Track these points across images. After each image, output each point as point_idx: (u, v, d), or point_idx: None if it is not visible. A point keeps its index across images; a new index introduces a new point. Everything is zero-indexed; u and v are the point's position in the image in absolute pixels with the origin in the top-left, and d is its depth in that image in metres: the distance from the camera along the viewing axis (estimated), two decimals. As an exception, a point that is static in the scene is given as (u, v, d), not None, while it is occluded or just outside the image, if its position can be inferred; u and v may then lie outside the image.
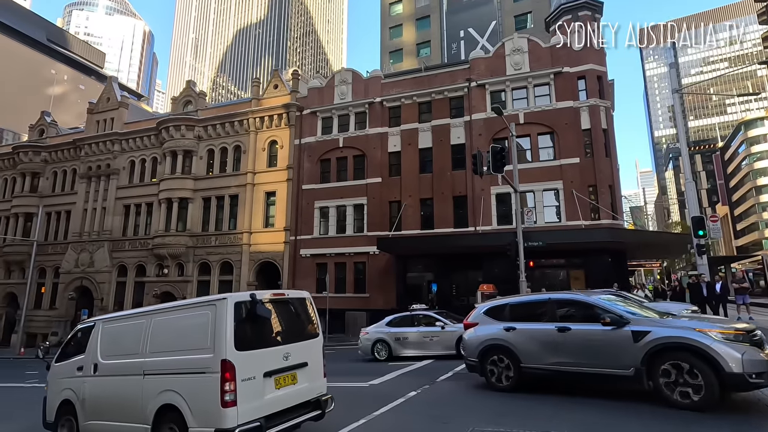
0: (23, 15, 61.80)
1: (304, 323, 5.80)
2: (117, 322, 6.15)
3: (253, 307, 5.10)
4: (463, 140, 24.50)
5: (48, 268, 34.18)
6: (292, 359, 5.18)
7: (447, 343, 12.24)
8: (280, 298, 5.60)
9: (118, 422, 5.37)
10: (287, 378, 5.09)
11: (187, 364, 4.86)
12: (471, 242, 21.56)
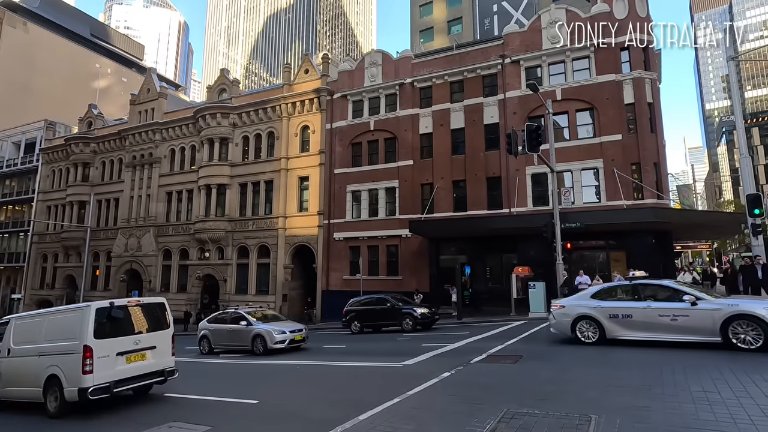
0: (69, 12, 64.70)
1: (158, 319, 8.18)
2: (24, 320, 8.67)
3: (109, 311, 7.52)
4: (497, 119, 23.82)
5: (101, 252, 36.51)
6: (142, 344, 7.63)
7: (700, 325, 8.40)
8: (135, 304, 8.08)
9: (23, 387, 7.87)
10: (137, 356, 7.54)
11: (64, 348, 7.24)
12: (505, 224, 21.14)
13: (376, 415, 5.66)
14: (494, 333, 13.70)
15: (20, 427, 7.36)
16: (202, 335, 15.17)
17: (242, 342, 13.78)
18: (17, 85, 50.01)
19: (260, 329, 13.45)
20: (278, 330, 13.39)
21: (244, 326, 13.83)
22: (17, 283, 41.76)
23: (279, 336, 13.17)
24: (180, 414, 6.71)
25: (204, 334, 15.09)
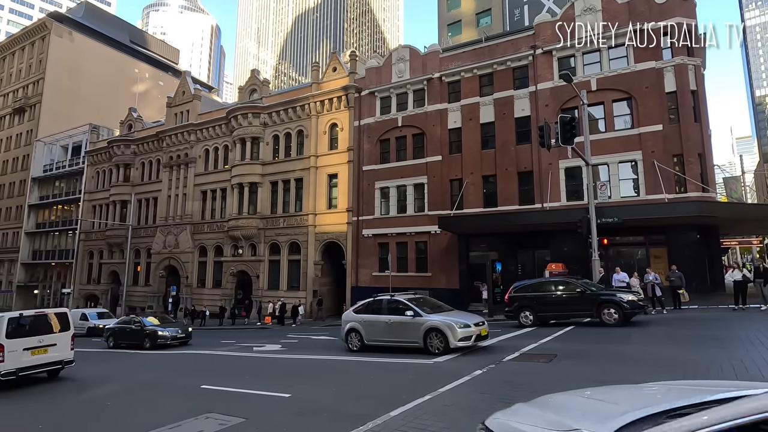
0: (110, 20, 67.83)
1: (61, 324, 10.80)
2: None
3: (19, 320, 10.21)
4: (528, 112, 23.20)
5: (142, 249, 38.20)
6: (44, 343, 10.31)
7: (414, 333, 10.45)
8: (40, 314, 10.78)
9: None
10: (40, 351, 10.21)
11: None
12: (537, 220, 20.59)
13: (407, 411, 5.63)
14: (526, 331, 13.39)
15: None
16: (349, 328, 12.01)
17: (409, 338, 10.76)
18: (64, 91, 52.92)
19: (436, 321, 10.38)
20: (461, 323, 10.23)
21: (410, 318, 10.73)
22: (67, 279, 44.34)
23: (462, 331, 10.00)
24: (217, 405, 6.92)
25: (352, 327, 11.96)
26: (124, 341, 18.46)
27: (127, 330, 18.75)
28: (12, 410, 8.28)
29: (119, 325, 19.74)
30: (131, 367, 12.82)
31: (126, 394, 8.85)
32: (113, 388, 9.61)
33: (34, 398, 9.08)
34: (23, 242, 48.85)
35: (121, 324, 19.70)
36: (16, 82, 56.87)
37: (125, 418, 6.90)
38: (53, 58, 53.50)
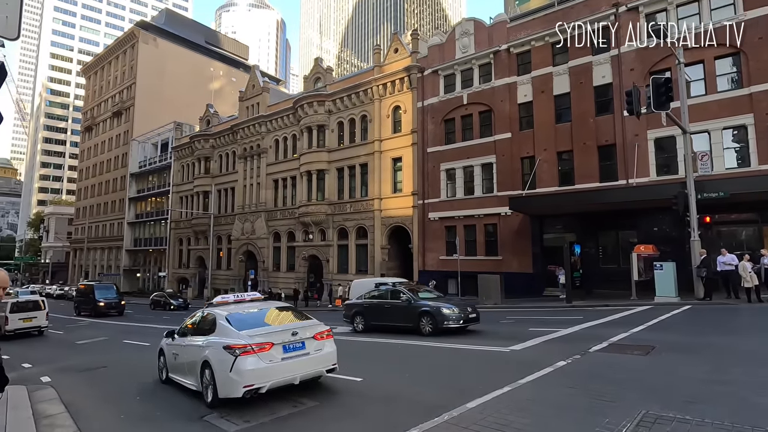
0: (188, 24, 72.93)
1: (42, 306, 19.20)
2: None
3: (17, 303, 18.87)
4: (609, 79, 21.01)
5: (223, 236, 41.16)
6: (30, 316, 18.56)
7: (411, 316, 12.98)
8: (30, 300, 20.03)
9: None
10: (28, 320, 18.48)
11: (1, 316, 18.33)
12: (622, 197, 18.68)
13: (485, 403, 5.27)
14: (613, 319, 12.24)
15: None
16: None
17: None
18: (152, 93, 58.05)
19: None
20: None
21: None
22: (162, 263, 49.31)
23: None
24: (296, 387, 7.06)
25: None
26: None
27: None
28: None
29: None
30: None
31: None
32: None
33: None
34: (126, 231, 55.05)
35: None
36: (114, 88, 63.46)
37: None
38: (142, 63, 58.76)
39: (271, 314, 7.01)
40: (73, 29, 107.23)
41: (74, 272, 65.82)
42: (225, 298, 7.98)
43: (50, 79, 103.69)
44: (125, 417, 6.37)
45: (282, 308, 7.49)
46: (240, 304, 7.52)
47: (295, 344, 6.24)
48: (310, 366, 6.33)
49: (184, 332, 7.66)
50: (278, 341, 6.08)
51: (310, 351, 6.37)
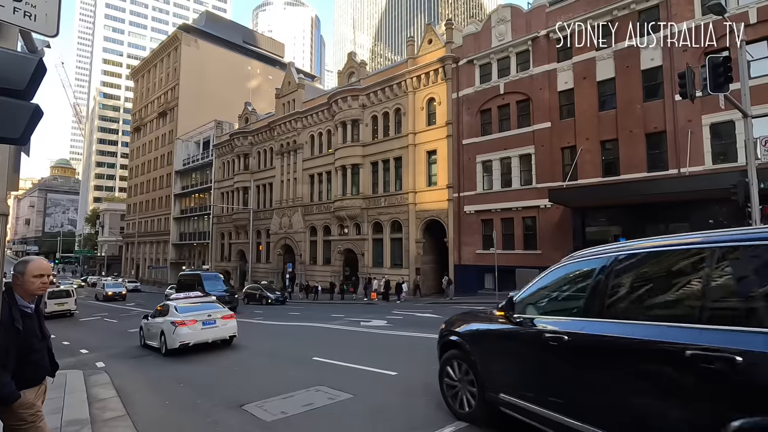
0: (226, 25, 75.19)
1: (72, 294, 24.86)
2: None
3: (54, 291, 23.99)
4: (659, 62, 19.72)
5: (262, 230, 42.36)
6: (63, 301, 23.70)
7: None
8: (63, 289, 25.26)
9: None
10: (60, 304, 23.40)
11: None
12: (673, 188, 17.55)
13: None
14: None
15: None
16: None
17: None
18: (194, 93, 60.40)
19: None
20: None
21: None
22: (205, 257, 51.47)
23: None
24: (327, 379, 7.13)
25: None
26: None
27: None
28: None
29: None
30: (257, 336, 14.20)
31: (250, 360, 9.73)
32: (240, 356, 10.65)
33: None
34: (172, 226, 57.83)
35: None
36: (159, 89, 66.54)
37: (245, 383, 7.50)
38: (184, 65, 61.19)
39: (200, 305, 11.94)
40: (122, 35, 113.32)
41: (126, 265, 70.03)
42: (178, 295, 13.73)
43: (103, 84, 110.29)
44: (169, 403, 6.65)
45: (209, 302, 12.49)
46: (187, 299, 12.68)
47: (209, 321, 11.19)
48: (217, 333, 11.26)
49: (153, 315, 12.21)
50: (200, 319, 11.04)
51: (219, 325, 11.30)
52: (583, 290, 3.46)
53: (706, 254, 2.64)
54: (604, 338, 3.03)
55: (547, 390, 3.49)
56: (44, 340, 3.19)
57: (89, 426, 5.27)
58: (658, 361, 2.65)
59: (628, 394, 2.83)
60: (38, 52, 2.99)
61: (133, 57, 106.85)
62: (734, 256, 2.55)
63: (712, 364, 2.28)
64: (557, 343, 3.37)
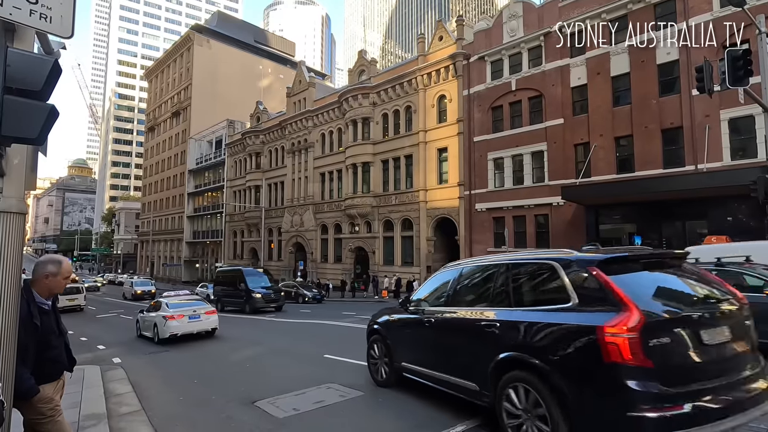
0: (238, 25, 75.74)
1: (82, 290, 26.18)
2: None
3: (70, 287, 24.37)
4: (675, 56, 19.31)
5: (273, 228, 42.69)
6: (73, 297, 25.05)
7: None
8: (75, 285, 25.80)
9: None
10: (71, 300, 24.62)
11: None
12: (690, 184, 17.20)
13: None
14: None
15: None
16: None
17: None
18: (206, 93, 61.03)
19: None
20: None
21: None
22: (218, 254, 52.07)
23: None
24: (338, 376, 7.16)
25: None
26: None
27: None
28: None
29: None
30: (270, 333, 14.31)
31: (262, 357, 9.81)
32: (251, 353, 10.75)
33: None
34: (186, 224, 58.62)
35: None
36: (172, 89, 67.38)
37: (257, 380, 7.57)
38: (197, 65, 61.84)
39: (188, 302, 14.17)
40: (136, 36, 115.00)
41: (142, 262, 71.22)
42: (169, 293, 16.71)
43: (118, 84, 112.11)
44: (183, 399, 6.74)
45: (194, 300, 15.45)
46: (177, 297, 16.28)
47: (194, 316, 13.22)
48: (201, 326, 13.28)
49: (148, 310, 14.36)
50: (186, 314, 13.08)
51: (203, 319, 13.34)
52: (446, 289, 5.42)
53: (495, 269, 4.72)
54: (451, 318, 5.06)
55: (424, 354, 5.50)
56: (61, 336, 3.26)
57: (106, 420, 5.38)
58: (472, 328, 4.65)
59: (459, 348, 4.87)
60: (54, 53, 3.04)
61: (147, 58, 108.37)
62: (503, 270, 4.59)
63: (490, 328, 4.32)
64: (430, 324, 5.38)
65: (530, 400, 3.75)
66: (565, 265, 3.86)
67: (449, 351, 4.97)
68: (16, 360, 2.67)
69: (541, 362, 3.68)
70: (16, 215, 2.60)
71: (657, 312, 3.37)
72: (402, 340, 5.97)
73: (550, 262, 4.05)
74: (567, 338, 3.56)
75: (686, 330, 3.32)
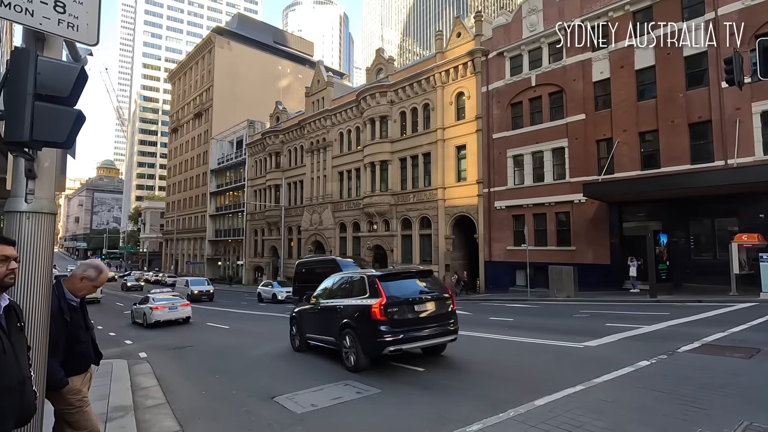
0: (257, 26, 76.81)
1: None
2: None
3: None
4: (703, 47, 18.61)
5: (293, 226, 43.19)
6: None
7: None
8: None
9: None
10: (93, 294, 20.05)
11: None
12: (720, 180, 16.56)
13: (555, 402, 4.96)
14: (706, 316, 10.97)
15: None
16: None
17: None
18: (227, 94, 62.13)
19: None
20: None
21: None
22: (240, 253, 53.04)
23: None
24: (353, 374, 7.21)
25: None
26: None
27: None
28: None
29: None
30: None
31: (281, 352, 9.98)
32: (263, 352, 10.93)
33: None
34: (208, 223, 59.89)
35: None
36: (195, 91, 68.86)
37: (276, 374, 7.71)
38: (218, 67, 63.01)
39: (169, 298, 18.44)
40: (160, 40, 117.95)
41: (166, 260, 73.17)
42: (155, 290, 21.20)
43: (143, 87, 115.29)
44: (206, 393, 6.93)
45: (174, 296, 19.77)
46: (161, 293, 20.32)
47: (173, 307, 17.29)
48: (178, 315, 17.22)
49: (140, 303, 18.32)
50: (167, 306, 17.24)
51: (179, 310, 17.36)
52: (327, 290, 9.06)
53: (346, 279, 8.61)
54: (326, 305, 8.57)
55: (316, 327, 9.00)
56: (88, 331, 3.41)
57: (133, 412, 5.58)
58: (334, 309, 8.16)
59: (329, 321, 8.27)
60: (81, 60, 3.16)
61: (170, 61, 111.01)
62: (347, 280, 8.56)
63: (340, 309, 8.01)
64: (318, 309, 8.89)
65: (350, 341, 7.52)
66: (368, 278, 7.62)
67: (326, 323, 8.49)
68: (47, 353, 2.80)
69: (354, 323, 7.51)
70: (47, 215, 2.73)
71: (394, 297, 7.20)
72: (307, 320, 9.45)
73: (363, 276, 7.84)
74: (363, 311, 7.34)
75: (405, 305, 7.26)
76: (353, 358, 7.35)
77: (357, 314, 7.41)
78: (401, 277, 8.17)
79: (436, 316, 7.42)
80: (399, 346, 6.98)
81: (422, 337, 7.21)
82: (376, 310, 7.00)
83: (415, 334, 7.10)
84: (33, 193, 2.65)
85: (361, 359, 7.22)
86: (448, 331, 7.51)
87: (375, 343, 7.00)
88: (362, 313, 7.26)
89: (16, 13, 2.50)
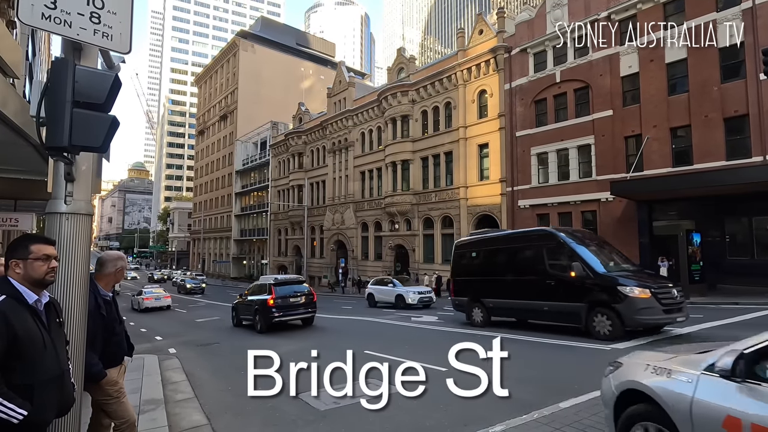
0: (280, 29, 78.04)
1: None
2: None
3: None
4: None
5: (316, 226, 43.69)
6: None
7: None
8: None
9: None
10: None
11: None
12: (758, 176, 15.81)
13: (581, 404, 4.88)
14: (743, 319, 10.53)
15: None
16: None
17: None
18: (251, 96, 63.37)
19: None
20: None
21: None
22: (264, 252, 54.06)
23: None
24: (378, 372, 7.24)
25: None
26: None
27: None
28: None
29: None
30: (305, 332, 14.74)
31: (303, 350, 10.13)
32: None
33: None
34: (233, 223, 61.28)
35: None
36: (220, 94, 70.53)
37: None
38: (242, 69, 64.33)
39: (156, 291, 26.15)
40: (187, 45, 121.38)
41: (194, 259, 75.26)
42: (148, 287, 28.26)
43: (171, 91, 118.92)
44: (232, 389, 7.11)
45: (161, 291, 26.45)
46: (151, 288, 27.46)
47: (158, 297, 25.31)
48: (162, 303, 25.06)
49: (137, 295, 26.21)
50: (155, 297, 25.26)
51: (162, 300, 25.22)
52: (255, 289, 15.34)
53: (263, 283, 15.57)
54: (253, 300, 14.66)
55: (247, 313, 15.01)
56: (121, 324, 3.58)
57: (163, 406, 5.79)
58: (253, 303, 14.58)
59: (251, 308, 14.67)
60: (115, 67, 3.31)
61: (197, 64, 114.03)
62: (264, 284, 15.48)
63: (255, 303, 14.79)
64: (250, 303, 14.80)
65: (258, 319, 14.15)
66: (268, 285, 14.15)
67: (250, 310, 14.31)
68: (86, 347, 2.95)
69: (259, 308, 13.91)
70: (84, 216, 2.87)
71: (280, 295, 13.69)
72: (241, 310, 15.24)
73: (267, 283, 14.33)
74: (263, 303, 13.77)
75: (286, 298, 13.81)
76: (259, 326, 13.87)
77: (260, 306, 13.83)
78: (287, 283, 14.29)
79: (303, 304, 14.02)
80: (281, 319, 13.52)
81: (295, 315, 13.93)
82: (271, 302, 13.44)
83: (290, 312, 13.76)
84: (71, 195, 2.79)
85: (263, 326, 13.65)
86: (308, 312, 14.14)
87: (268, 317, 13.42)
88: (263, 305, 13.66)
89: (55, 25, 2.65)
